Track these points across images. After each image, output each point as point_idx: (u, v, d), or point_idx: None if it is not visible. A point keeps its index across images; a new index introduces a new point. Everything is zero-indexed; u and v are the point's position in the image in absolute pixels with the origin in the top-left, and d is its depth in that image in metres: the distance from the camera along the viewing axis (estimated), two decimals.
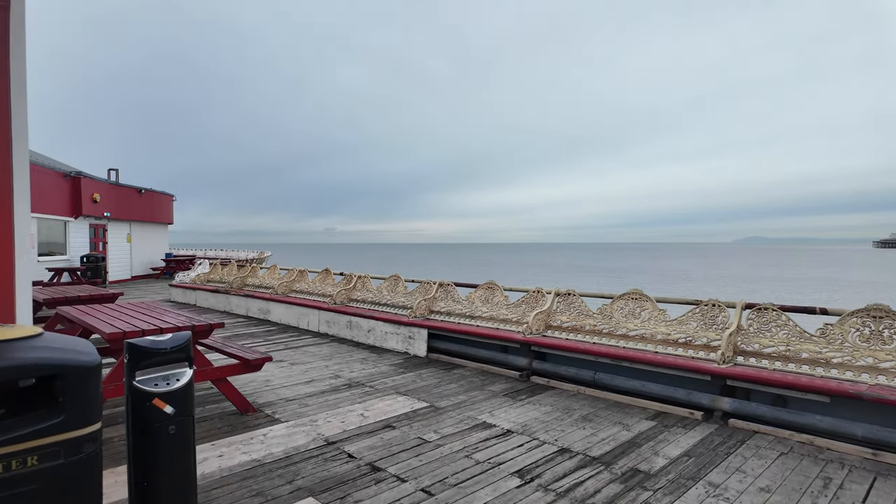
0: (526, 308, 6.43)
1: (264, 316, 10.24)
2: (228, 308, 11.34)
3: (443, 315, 7.32)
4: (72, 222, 16.73)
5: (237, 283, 11.63)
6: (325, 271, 9.86)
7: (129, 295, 15.33)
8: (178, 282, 13.57)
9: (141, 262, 21.98)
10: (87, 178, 17.42)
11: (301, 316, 9.24)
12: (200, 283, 13.06)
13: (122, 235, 20.44)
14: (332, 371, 6.23)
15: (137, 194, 21.32)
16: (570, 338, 5.81)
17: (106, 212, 18.65)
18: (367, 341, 7.87)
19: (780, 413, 4.28)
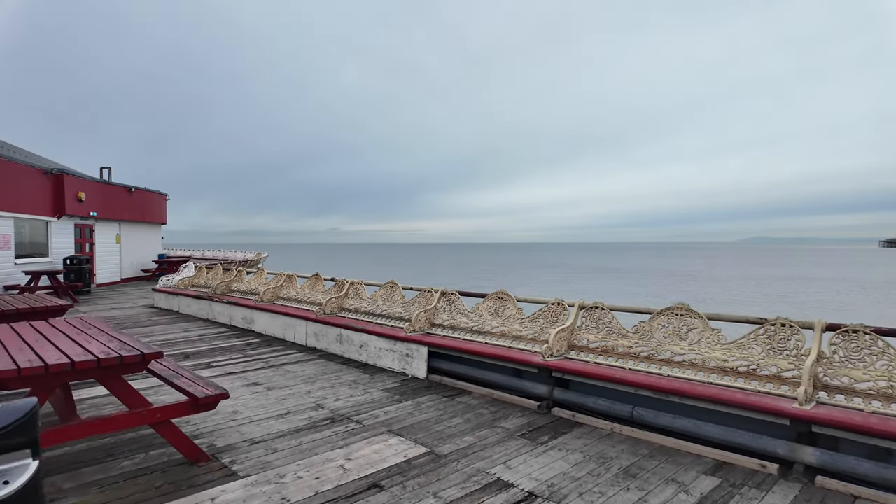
0: (544, 324, 5.42)
1: (248, 326, 9.27)
2: (211, 316, 10.37)
3: (445, 329, 6.32)
4: (54, 222, 15.82)
5: (221, 289, 10.67)
6: (315, 277, 8.88)
7: (113, 299, 14.43)
8: (161, 286, 12.63)
9: (131, 264, 21.07)
10: (71, 176, 16.51)
11: (287, 327, 8.26)
12: (184, 287, 12.11)
13: (110, 236, 19.53)
14: (315, 398, 5.24)
15: (127, 193, 20.41)
16: (600, 362, 4.80)
17: (92, 211, 17.73)
18: (359, 358, 6.88)
19: (888, 472, 3.26)
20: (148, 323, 10.03)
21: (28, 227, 14.85)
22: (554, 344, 4.95)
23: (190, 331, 9.22)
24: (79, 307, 12.64)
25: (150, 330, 9.24)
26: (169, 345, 7.95)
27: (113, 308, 12.39)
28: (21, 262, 14.06)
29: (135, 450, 3.89)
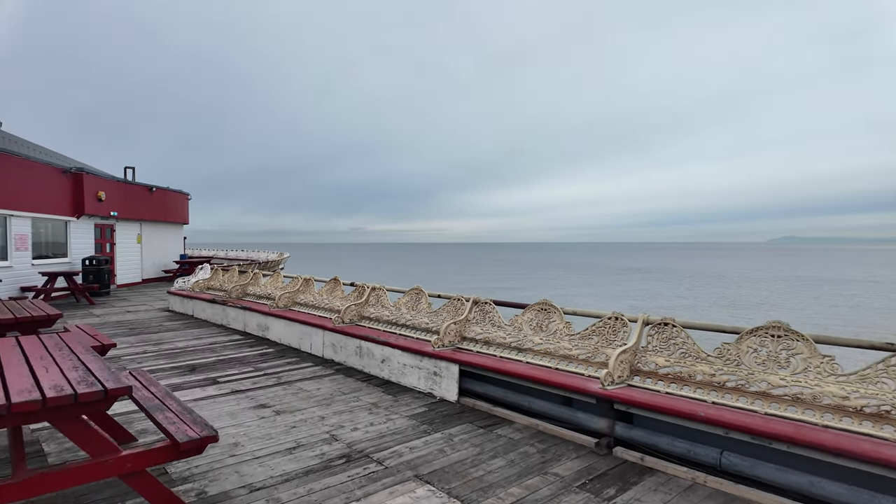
0: (600, 342, 4.57)
1: (263, 333, 8.62)
2: (226, 322, 9.78)
3: (479, 344, 5.51)
4: (73, 222, 15.55)
5: (236, 293, 10.07)
6: (334, 281, 8.17)
7: (131, 301, 14.04)
8: (176, 289, 12.13)
9: (153, 265, 20.84)
10: (91, 175, 16.24)
11: (303, 336, 7.57)
12: (199, 290, 11.57)
13: (131, 236, 19.29)
14: (329, 427, 4.50)
15: (148, 192, 20.16)
16: (674, 392, 3.93)
17: (113, 211, 17.47)
18: (381, 374, 6.12)
19: None
20: (159, 329, 9.48)
21: (46, 228, 14.59)
22: (615, 368, 4.10)
23: (202, 338, 8.62)
24: (93, 310, 12.24)
25: (160, 337, 8.67)
26: (177, 355, 7.34)
27: (128, 311, 11.95)
28: (39, 262, 13.78)
29: (110, 498, 3.20)
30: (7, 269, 12.44)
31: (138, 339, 8.42)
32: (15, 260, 12.72)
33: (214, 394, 5.46)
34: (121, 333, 8.97)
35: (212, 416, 4.74)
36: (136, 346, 7.95)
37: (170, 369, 6.51)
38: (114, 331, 9.24)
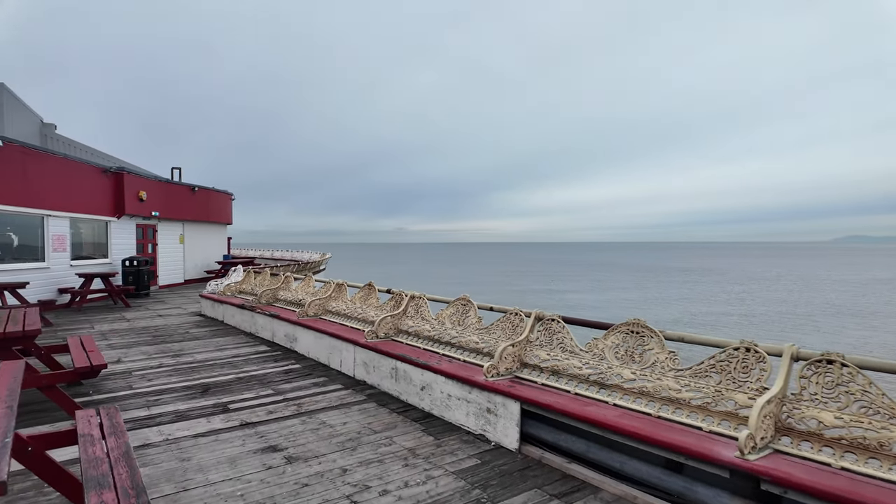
0: (723, 382, 3.26)
1: (290, 345, 7.70)
2: (254, 329, 8.96)
3: (545, 374, 4.30)
4: (114, 222, 15.35)
5: (266, 298, 9.24)
6: (368, 287, 7.14)
7: (167, 303, 13.60)
8: (208, 292, 11.49)
9: (195, 265, 20.69)
10: (132, 175, 16.03)
11: (332, 351, 6.57)
12: (230, 294, 10.87)
13: (173, 236, 19.13)
14: (351, 488, 3.40)
15: (190, 192, 19.97)
16: (860, 469, 2.60)
17: (154, 211, 17.27)
18: (421, 405, 5.00)
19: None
20: (184, 336, 8.76)
21: (87, 228, 14.40)
22: (758, 426, 2.79)
23: (225, 349, 7.80)
24: (126, 313, 11.78)
25: (182, 347, 7.91)
26: (193, 370, 6.50)
27: (160, 315, 11.41)
28: (78, 263, 13.55)
29: None
30: (44, 270, 12.19)
31: (158, 350, 7.68)
32: (52, 261, 12.48)
33: (220, 427, 4.50)
34: (142, 342, 8.29)
35: (207, 462, 3.76)
36: (152, 357, 7.19)
37: (180, 390, 5.64)
38: (136, 339, 8.58)
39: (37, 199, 11.93)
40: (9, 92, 18.94)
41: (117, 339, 8.53)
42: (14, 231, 11.65)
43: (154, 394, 5.50)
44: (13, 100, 19.46)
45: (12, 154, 11.16)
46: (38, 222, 12.20)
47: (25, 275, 11.45)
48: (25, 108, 20.96)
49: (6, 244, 11.40)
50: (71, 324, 10.24)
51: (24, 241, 11.94)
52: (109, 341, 8.40)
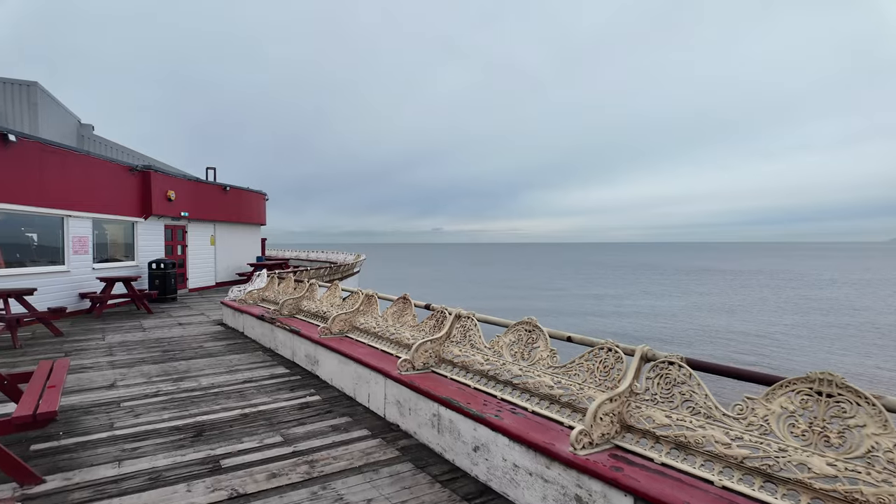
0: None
1: (311, 368, 6.51)
2: (274, 346, 7.83)
3: (666, 447, 2.88)
4: (141, 223, 14.69)
5: (288, 309, 8.10)
6: (402, 300, 5.84)
7: (192, 309, 12.77)
8: (229, 299, 10.50)
9: (227, 268, 20.03)
10: (159, 174, 15.36)
11: (359, 381, 5.31)
12: (252, 302, 9.82)
13: (204, 238, 18.48)
14: None
15: (222, 192, 19.30)
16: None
17: (183, 211, 16.60)
18: (474, 471, 3.65)
19: None
20: (195, 352, 7.71)
21: (112, 229, 13.75)
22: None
23: (237, 370, 6.68)
24: (146, 320, 10.95)
25: (189, 367, 6.84)
26: (194, 401, 5.37)
27: (179, 323, 10.50)
28: (101, 267, 12.88)
29: None
30: (63, 274, 11.51)
31: (161, 371, 6.63)
32: (73, 264, 11.80)
33: (201, 503, 3.29)
34: (148, 359, 7.28)
35: None
36: (151, 381, 6.12)
37: (169, 432, 4.49)
38: (144, 354, 7.59)
39: (56, 199, 11.25)
40: (43, 91, 18.74)
41: (122, 355, 7.56)
42: (32, 232, 10.99)
43: (135, 438, 4.37)
44: (48, 99, 19.27)
45: (28, 151, 10.48)
46: (58, 223, 11.54)
47: (41, 279, 10.76)
48: (62, 108, 20.82)
49: (22, 246, 10.74)
50: (84, 333, 9.41)
51: (43, 242, 11.29)
52: (114, 357, 7.43)
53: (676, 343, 23.37)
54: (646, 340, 21.64)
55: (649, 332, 26.42)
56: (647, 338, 23.79)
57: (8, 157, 9.99)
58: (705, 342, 23.89)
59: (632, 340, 21.86)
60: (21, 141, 10.25)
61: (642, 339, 23.30)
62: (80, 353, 7.71)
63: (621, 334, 25.02)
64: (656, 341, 23.25)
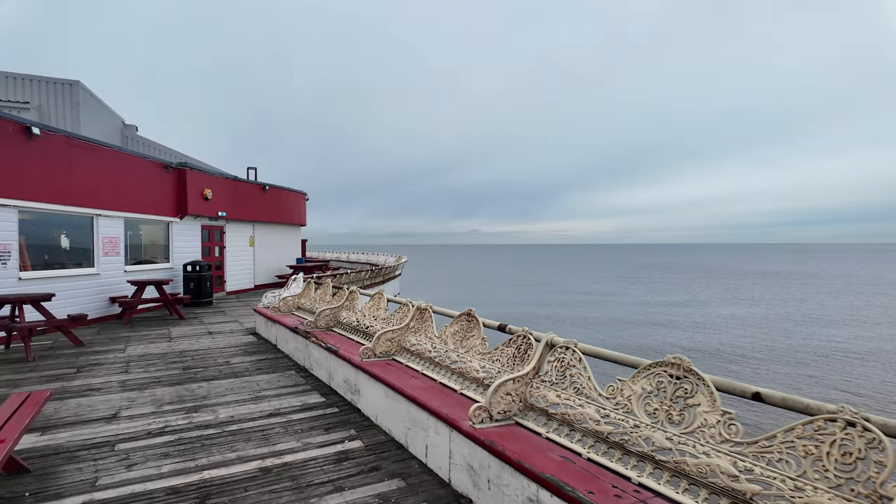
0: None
1: (351, 397, 5.28)
2: (308, 364, 6.68)
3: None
4: (176, 223, 14.01)
5: (324, 321, 6.94)
6: (468, 318, 4.50)
7: (226, 315, 11.91)
8: (261, 306, 9.48)
9: (266, 270, 19.31)
10: (196, 171, 14.67)
11: (413, 426, 4.02)
12: (286, 310, 8.74)
13: (243, 239, 17.78)
14: None
15: (261, 191, 18.58)
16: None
17: (221, 211, 15.90)
18: None
19: None
20: (220, 371, 6.65)
21: (146, 230, 13.09)
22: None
23: (264, 397, 5.53)
24: (175, 328, 10.09)
25: (209, 390, 5.76)
26: (206, 443, 4.23)
27: (209, 332, 9.57)
28: (134, 269, 12.20)
29: None
30: (92, 277, 10.82)
31: (175, 396, 5.56)
32: (103, 266, 11.11)
33: None
34: (164, 380, 6.26)
35: None
36: (161, 412, 5.04)
37: (161, 498, 3.33)
38: (161, 372, 6.58)
39: (85, 197, 10.57)
40: (86, 91, 18.54)
41: (138, 373, 6.58)
42: (61, 233, 10.34)
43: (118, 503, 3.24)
44: (91, 99, 19.09)
45: (55, 145, 9.80)
46: (87, 223, 10.87)
47: (68, 283, 10.06)
48: (105, 109, 20.68)
49: (50, 247, 10.08)
50: (106, 343, 8.57)
51: (73, 244, 10.63)
52: (128, 375, 6.46)
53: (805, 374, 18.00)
54: (750, 362, 19.21)
55: (750, 348, 22.36)
56: (750, 357, 20.60)
57: (32, 151, 9.31)
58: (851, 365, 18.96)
59: (726, 360, 18.58)
60: (46, 134, 9.57)
61: (747, 358, 20.32)
62: (93, 370, 6.79)
63: (712, 352, 22.10)
64: (759, 363, 19.83)
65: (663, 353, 2.81)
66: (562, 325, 27.95)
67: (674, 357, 2.63)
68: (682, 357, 2.59)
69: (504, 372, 3.67)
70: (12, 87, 17.22)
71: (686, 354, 2.63)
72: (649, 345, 22.36)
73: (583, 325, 28.21)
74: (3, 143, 8.74)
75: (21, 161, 9.11)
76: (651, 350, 21.09)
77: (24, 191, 9.13)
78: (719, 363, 18.98)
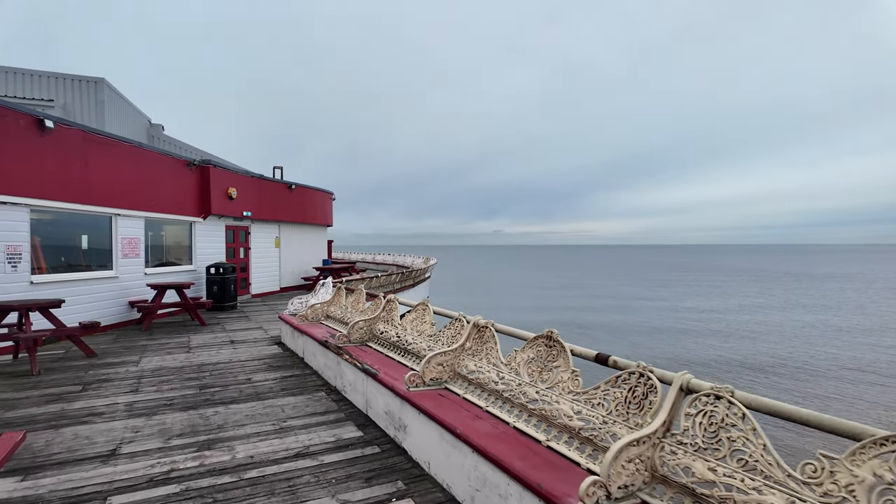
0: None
1: (395, 433, 4.35)
2: (341, 385, 5.78)
3: None
4: (199, 223, 13.38)
5: (358, 334, 6.04)
6: (547, 341, 3.51)
7: (251, 320, 11.18)
8: (287, 313, 8.66)
9: (292, 272, 18.64)
10: (220, 169, 14.02)
11: (484, 489, 3.05)
12: (314, 318, 7.88)
13: (268, 240, 17.13)
14: None
15: (287, 190, 17.91)
16: None
17: (246, 210, 15.26)
18: None
19: None
20: (240, 391, 5.81)
21: (168, 230, 12.47)
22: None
23: (290, 428, 4.64)
24: (195, 335, 9.36)
25: (227, 416, 4.90)
26: (218, 498, 3.35)
27: (231, 341, 8.80)
28: (155, 272, 11.56)
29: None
30: (111, 280, 10.20)
31: (187, 425, 4.72)
32: (121, 269, 10.48)
33: None
34: (177, 402, 5.43)
35: None
36: (168, 447, 4.19)
37: None
38: (175, 392, 5.77)
39: (103, 196, 9.94)
40: (111, 89, 18.17)
41: (149, 392, 5.78)
42: (80, 234, 9.73)
43: None
44: (116, 97, 18.72)
45: (70, 139, 9.18)
46: (106, 223, 10.25)
47: (85, 286, 9.43)
48: (131, 107, 20.34)
49: (68, 249, 9.47)
50: (120, 353, 7.86)
51: (92, 245, 10.02)
52: (137, 395, 5.67)
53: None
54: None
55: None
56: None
57: (45, 146, 8.68)
58: None
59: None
60: (60, 128, 8.94)
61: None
62: (100, 387, 6.03)
63: None
64: None
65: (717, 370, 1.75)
66: (611, 336, 26.60)
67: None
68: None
69: (615, 422, 2.67)
70: (37, 85, 16.92)
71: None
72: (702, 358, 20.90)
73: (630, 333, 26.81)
74: (13, 137, 8.12)
75: (34, 157, 8.49)
76: (703, 364, 19.64)
77: (36, 189, 8.50)
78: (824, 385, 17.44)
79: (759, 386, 15.43)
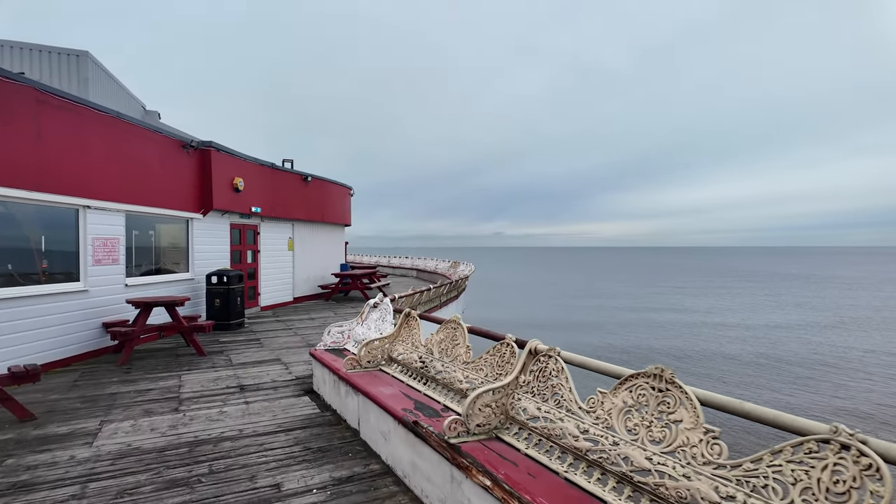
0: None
1: None
2: None
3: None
4: (198, 220, 10.67)
5: (484, 416, 3.28)
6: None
7: (265, 347, 8.49)
8: (321, 349, 5.91)
9: (307, 278, 15.90)
10: (224, 154, 11.31)
11: None
12: (371, 364, 5.10)
13: (281, 241, 14.42)
14: None
15: (302, 182, 15.20)
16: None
17: (255, 206, 12.55)
18: None
19: None
20: None
21: (157, 229, 9.76)
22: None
23: None
24: (186, 375, 6.63)
25: None
26: None
27: (241, 385, 6.08)
28: (140, 282, 8.85)
29: None
30: (77, 295, 7.48)
31: None
32: (92, 279, 7.76)
33: None
34: None
35: None
36: None
37: None
38: None
39: (65, 180, 7.26)
40: (96, 64, 15.49)
41: None
42: (35, 233, 7.03)
43: None
44: (103, 75, 16.04)
45: (15, 103, 6.49)
46: (70, 218, 7.54)
47: (37, 306, 6.72)
48: (123, 90, 17.67)
49: (18, 252, 6.75)
50: (74, 411, 5.14)
51: (52, 248, 7.32)
52: None
53: None
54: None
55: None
56: None
57: None
58: None
59: None
60: (3, 83, 6.26)
61: None
62: (11, 498, 3.30)
63: None
64: None
65: None
66: None
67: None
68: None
69: None
70: (7, 57, 14.25)
71: None
72: None
73: None
74: None
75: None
76: None
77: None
78: None
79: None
